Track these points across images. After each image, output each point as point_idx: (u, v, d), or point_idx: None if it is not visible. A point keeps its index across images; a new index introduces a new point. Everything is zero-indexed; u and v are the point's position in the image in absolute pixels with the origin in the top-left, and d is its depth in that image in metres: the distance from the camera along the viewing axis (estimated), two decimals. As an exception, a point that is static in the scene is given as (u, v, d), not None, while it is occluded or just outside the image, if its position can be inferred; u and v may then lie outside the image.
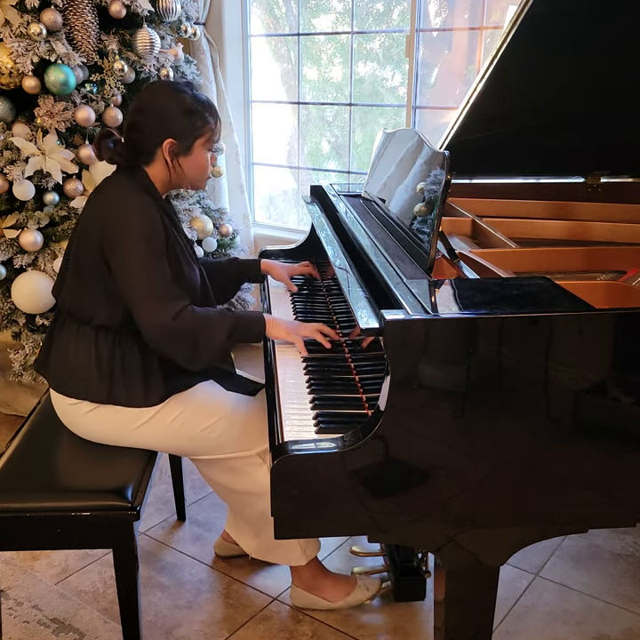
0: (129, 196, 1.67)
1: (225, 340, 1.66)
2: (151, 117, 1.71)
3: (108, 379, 1.70)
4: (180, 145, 1.71)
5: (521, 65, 1.86)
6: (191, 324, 1.63)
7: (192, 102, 1.71)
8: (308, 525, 1.27)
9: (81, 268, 1.71)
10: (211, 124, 1.74)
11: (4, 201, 2.65)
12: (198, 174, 1.79)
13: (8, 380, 2.88)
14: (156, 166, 1.73)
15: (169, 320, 1.60)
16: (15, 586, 2.05)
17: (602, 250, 1.83)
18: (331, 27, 3.69)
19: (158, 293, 1.62)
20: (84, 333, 1.72)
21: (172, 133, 1.69)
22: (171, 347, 1.64)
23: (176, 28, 3.07)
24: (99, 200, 1.73)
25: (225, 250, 3.34)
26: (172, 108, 1.70)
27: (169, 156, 1.71)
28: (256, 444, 1.78)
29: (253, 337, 1.73)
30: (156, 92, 1.76)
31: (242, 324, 1.69)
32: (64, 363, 1.74)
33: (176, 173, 1.75)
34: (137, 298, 1.62)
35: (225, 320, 1.67)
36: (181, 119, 1.70)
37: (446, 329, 1.19)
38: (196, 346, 1.63)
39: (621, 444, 1.27)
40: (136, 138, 1.72)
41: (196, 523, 2.36)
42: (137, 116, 1.73)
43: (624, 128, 2.02)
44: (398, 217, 1.76)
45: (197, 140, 1.73)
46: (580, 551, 2.20)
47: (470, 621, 1.39)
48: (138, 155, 1.73)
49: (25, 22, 2.52)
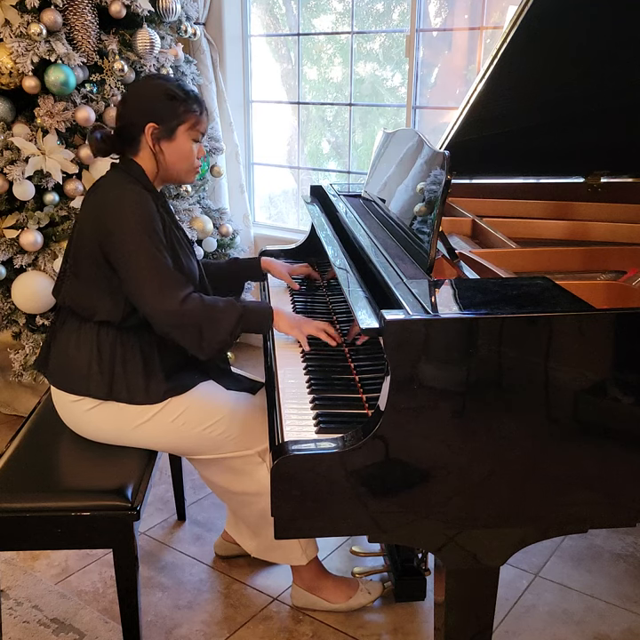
0: (123, 190, 1.69)
1: (233, 328, 1.65)
2: (132, 103, 1.74)
3: (109, 375, 1.70)
4: (162, 130, 1.71)
5: (521, 65, 1.86)
6: (199, 310, 1.63)
7: (174, 88, 1.73)
8: (308, 525, 1.27)
9: (80, 266, 1.71)
10: (195, 112, 1.74)
11: (4, 201, 2.65)
12: (184, 164, 1.77)
13: (8, 380, 2.88)
14: (144, 156, 1.74)
15: (176, 305, 1.61)
16: (15, 586, 2.05)
17: (602, 250, 1.83)
18: (331, 27, 3.69)
19: (163, 280, 1.62)
20: (86, 330, 1.72)
21: (153, 117, 1.70)
22: (178, 332, 1.64)
23: (176, 27, 3.07)
24: (94, 198, 1.73)
25: (225, 250, 3.34)
26: (152, 92, 1.73)
27: (152, 140, 1.71)
28: (256, 444, 1.78)
29: (260, 327, 1.74)
30: (140, 82, 1.85)
31: (250, 313, 1.69)
32: (65, 359, 1.74)
33: (162, 163, 1.75)
34: (142, 287, 1.62)
35: (233, 308, 1.67)
36: (162, 103, 1.70)
37: (446, 329, 1.19)
38: (203, 332, 1.63)
39: (621, 443, 1.27)
40: (120, 126, 1.75)
41: (196, 523, 2.36)
42: (121, 106, 1.76)
43: (624, 128, 2.02)
44: (398, 217, 1.76)
45: (180, 127, 1.72)
46: (580, 551, 2.20)
47: (470, 621, 1.39)
48: (123, 144, 1.75)
49: (25, 22, 2.52)
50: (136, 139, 1.73)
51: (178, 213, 3.01)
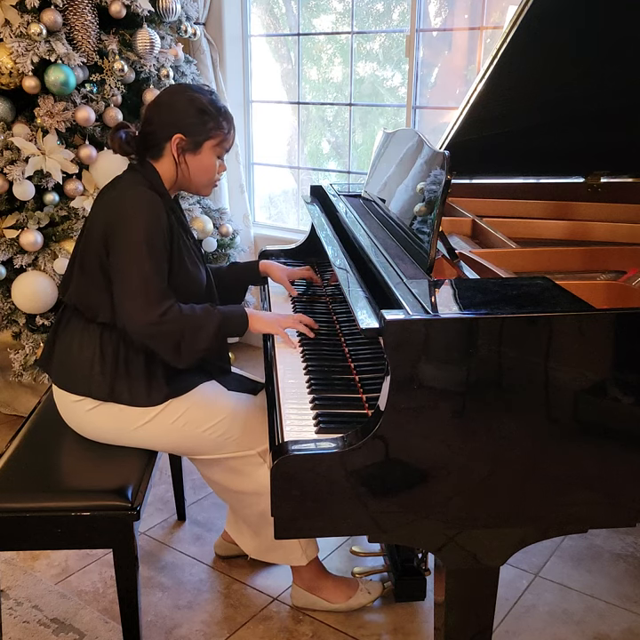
0: (134, 192, 1.68)
1: (211, 339, 1.67)
2: (164, 111, 1.73)
3: (111, 376, 1.70)
4: (189, 142, 1.71)
5: (521, 65, 1.86)
6: (178, 324, 1.64)
7: (207, 103, 1.73)
8: (308, 525, 1.27)
9: (87, 265, 1.71)
10: (223, 129, 1.75)
11: (4, 201, 2.65)
12: (204, 177, 1.78)
13: (8, 380, 2.88)
14: (165, 163, 1.74)
15: (156, 319, 1.61)
16: (15, 586, 2.05)
17: (602, 250, 1.83)
18: (331, 27, 3.69)
19: (148, 292, 1.62)
20: (89, 331, 1.72)
21: (182, 129, 1.70)
22: (156, 345, 1.65)
23: (176, 27, 3.07)
24: (106, 197, 1.74)
25: (225, 250, 3.34)
26: (185, 104, 1.71)
27: (176, 151, 1.71)
28: (257, 444, 1.78)
29: (238, 332, 1.75)
30: (175, 89, 1.79)
31: (227, 321, 1.70)
32: (68, 359, 1.75)
33: (183, 173, 1.75)
34: (126, 293, 1.63)
35: (211, 318, 1.68)
36: (193, 117, 1.71)
37: (446, 329, 1.19)
38: (181, 345, 1.64)
39: (621, 443, 1.27)
40: (147, 130, 1.74)
41: (196, 523, 2.36)
42: (151, 110, 1.75)
43: (624, 128, 2.02)
44: (398, 217, 1.76)
45: (207, 142, 1.73)
46: (580, 551, 2.20)
47: (470, 621, 1.39)
48: (147, 147, 1.75)
49: (25, 22, 2.52)
50: (160, 145, 1.73)
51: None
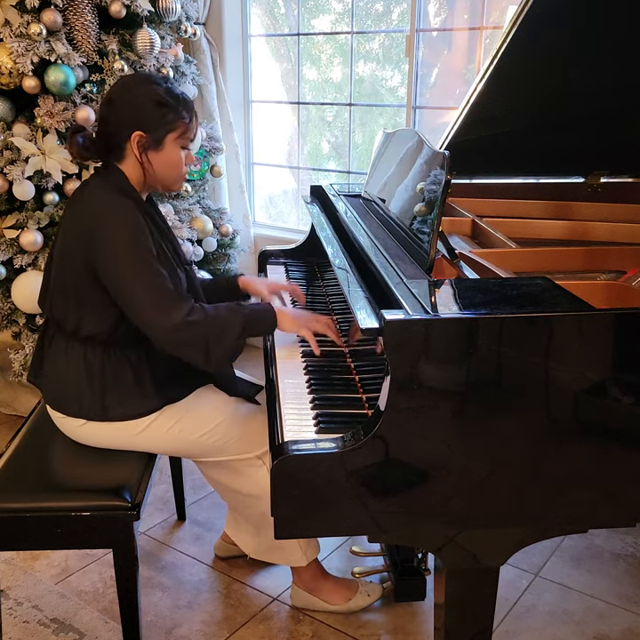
0: (109, 203, 1.60)
1: (238, 339, 1.60)
2: (119, 109, 1.62)
3: (100, 393, 1.66)
4: (150, 138, 1.61)
5: (521, 65, 1.86)
6: (203, 325, 1.57)
7: (163, 94, 1.61)
8: (308, 525, 1.27)
9: (65, 279, 1.64)
10: (184, 119, 1.64)
11: (4, 201, 2.65)
12: (172, 173, 1.68)
13: (8, 380, 2.88)
14: (129, 163, 1.64)
15: (181, 320, 1.54)
16: (15, 586, 2.05)
17: (602, 250, 1.83)
18: (330, 27, 3.69)
19: (163, 298, 1.56)
20: (73, 349, 1.67)
21: (140, 125, 1.60)
22: (184, 350, 1.58)
23: (176, 27, 3.07)
24: (79, 207, 1.65)
25: (225, 250, 3.34)
26: (141, 99, 1.61)
27: (137, 149, 1.61)
28: (256, 447, 1.77)
29: (265, 332, 1.71)
30: (126, 83, 1.67)
31: (253, 320, 1.64)
32: (56, 380, 1.71)
33: (148, 172, 1.65)
34: (143, 308, 1.55)
35: (237, 318, 1.61)
36: (151, 111, 1.60)
37: (446, 329, 1.19)
38: (209, 347, 1.57)
39: (621, 443, 1.27)
40: (105, 131, 1.64)
41: (196, 523, 2.36)
42: (105, 108, 1.64)
43: (624, 128, 2.02)
44: (398, 217, 1.76)
45: (169, 135, 1.63)
46: (580, 551, 2.20)
47: (470, 621, 1.39)
48: (108, 150, 1.65)
49: (25, 22, 2.52)
50: (121, 146, 1.63)
51: (178, 213, 3.01)
